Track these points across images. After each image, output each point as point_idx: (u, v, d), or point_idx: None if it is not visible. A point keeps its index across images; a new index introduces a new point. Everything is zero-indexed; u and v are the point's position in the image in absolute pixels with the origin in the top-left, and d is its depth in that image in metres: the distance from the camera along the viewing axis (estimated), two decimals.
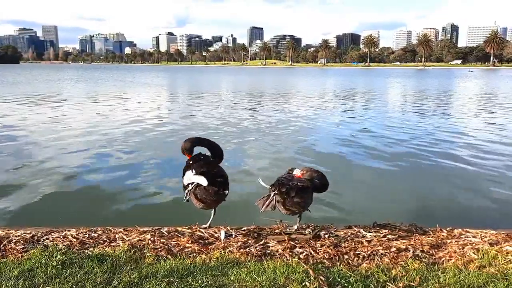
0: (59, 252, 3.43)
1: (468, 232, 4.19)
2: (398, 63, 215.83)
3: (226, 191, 3.92)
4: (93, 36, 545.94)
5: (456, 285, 2.98)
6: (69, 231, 4.08)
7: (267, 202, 3.72)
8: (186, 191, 3.92)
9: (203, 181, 3.78)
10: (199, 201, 3.86)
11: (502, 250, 3.56)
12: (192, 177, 3.85)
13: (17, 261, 3.30)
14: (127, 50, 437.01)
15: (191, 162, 3.96)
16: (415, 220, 4.60)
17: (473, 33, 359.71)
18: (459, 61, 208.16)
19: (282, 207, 3.74)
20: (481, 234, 4.08)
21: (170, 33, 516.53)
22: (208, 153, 4.18)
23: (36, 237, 3.89)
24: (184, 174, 4.01)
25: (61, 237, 3.91)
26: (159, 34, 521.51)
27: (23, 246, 3.64)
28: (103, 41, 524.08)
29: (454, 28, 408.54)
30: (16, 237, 3.86)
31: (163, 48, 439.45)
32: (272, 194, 3.73)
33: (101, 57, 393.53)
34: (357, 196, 7.17)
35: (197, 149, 4.19)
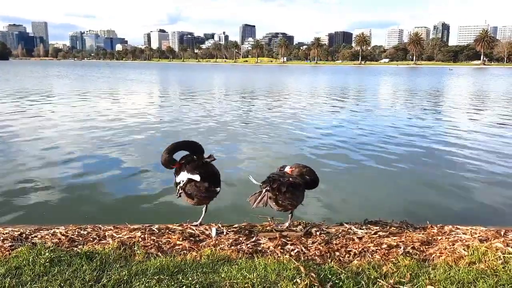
0: (47, 250, 3.38)
1: (458, 228, 4.21)
2: (387, 60, 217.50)
3: (218, 188, 3.90)
4: (84, 32, 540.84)
5: (447, 281, 2.99)
6: (58, 228, 4.03)
7: (258, 198, 3.70)
8: (178, 187, 3.90)
9: (196, 177, 3.76)
10: (190, 197, 3.84)
11: (492, 247, 3.58)
12: (185, 174, 3.82)
13: (4, 259, 3.25)
14: (118, 47, 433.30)
15: (183, 162, 3.93)
16: (406, 217, 4.62)
17: (463, 32, 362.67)
18: (387, 60, 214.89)
19: (274, 203, 3.73)
20: (471, 231, 4.11)
21: (161, 30, 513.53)
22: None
23: (24, 235, 3.83)
24: (176, 172, 3.98)
25: (50, 235, 3.86)
26: (151, 31, 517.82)
27: (10, 244, 3.58)
28: (94, 37, 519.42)
29: (445, 27, 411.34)
30: (4, 234, 3.80)
31: (154, 45, 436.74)
32: (263, 191, 3.72)
33: (92, 54, 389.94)
34: (348, 194, 7.19)
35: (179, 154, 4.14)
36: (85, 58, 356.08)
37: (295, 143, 11.31)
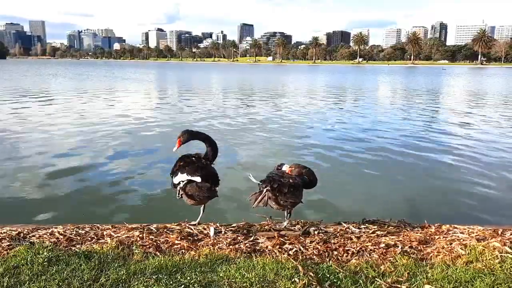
0: (45, 249, 3.38)
1: (456, 228, 4.22)
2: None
3: (217, 187, 3.90)
4: (81, 31, 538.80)
5: (444, 281, 3.00)
6: (56, 228, 4.03)
7: (259, 198, 3.71)
8: (178, 188, 3.89)
9: (197, 178, 3.76)
10: (191, 198, 3.84)
11: (489, 246, 3.60)
12: (184, 176, 3.81)
13: (2, 259, 3.24)
14: (116, 46, 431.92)
15: (181, 164, 3.90)
16: (403, 216, 4.64)
17: (461, 32, 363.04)
18: (361, 59, 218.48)
19: (274, 203, 3.74)
20: (468, 230, 4.12)
21: (159, 29, 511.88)
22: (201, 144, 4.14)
23: (22, 234, 3.83)
24: (173, 173, 3.97)
25: (48, 234, 3.86)
26: (149, 30, 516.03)
27: (8, 243, 3.58)
28: (92, 36, 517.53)
29: (443, 27, 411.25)
30: (2, 234, 3.80)
31: (152, 44, 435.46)
32: (264, 191, 3.72)
33: (90, 53, 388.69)
34: (346, 193, 7.19)
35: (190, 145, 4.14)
36: (83, 57, 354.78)
37: (293, 142, 11.31)
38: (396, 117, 16.98)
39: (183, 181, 3.83)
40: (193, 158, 3.96)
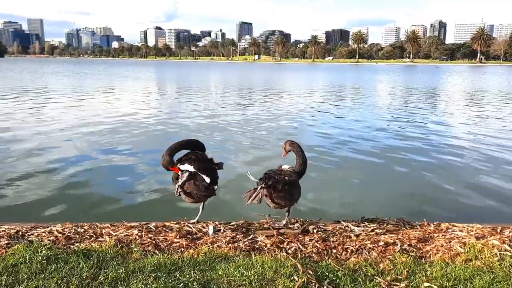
0: (44, 248, 3.37)
1: (455, 226, 4.23)
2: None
3: (216, 186, 3.91)
4: (80, 30, 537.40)
5: (443, 278, 3.00)
6: (54, 226, 4.02)
7: (253, 195, 3.71)
8: (176, 185, 3.89)
9: (207, 179, 3.77)
10: (189, 196, 3.84)
11: (488, 244, 3.60)
12: (191, 167, 3.81)
13: (1, 257, 3.24)
14: (115, 44, 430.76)
15: (192, 157, 3.90)
16: (402, 214, 4.64)
17: (460, 30, 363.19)
18: (330, 58, 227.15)
19: (270, 200, 3.74)
20: (467, 228, 4.13)
21: (158, 28, 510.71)
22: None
23: (20, 233, 3.83)
24: (181, 162, 3.95)
25: (46, 233, 3.85)
26: (147, 29, 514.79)
27: (7, 242, 3.57)
28: (90, 35, 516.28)
29: (442, 25, 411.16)
30: (0, 232, 3.80)
31: (151, 42, 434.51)
32: (259, 188, 3.72)
33: (88, 51, 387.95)
34: (346, 191, 7.19)
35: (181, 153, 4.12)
36: (81, 56, 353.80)
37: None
38: (394, 116, 16.98)
39: (186, 171, 3.81)
40: (204, 157, 3.97)
